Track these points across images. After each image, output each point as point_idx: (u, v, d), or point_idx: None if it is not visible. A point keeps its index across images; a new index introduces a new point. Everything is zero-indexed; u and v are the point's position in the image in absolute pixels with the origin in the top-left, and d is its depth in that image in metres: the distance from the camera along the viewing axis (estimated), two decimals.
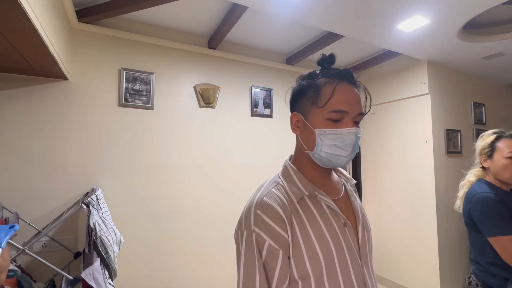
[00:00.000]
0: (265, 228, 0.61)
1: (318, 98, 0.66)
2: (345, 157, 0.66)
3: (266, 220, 0.61)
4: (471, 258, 1.44)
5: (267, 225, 0.61)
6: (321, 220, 0.66)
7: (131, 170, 2.10)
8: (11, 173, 1.77)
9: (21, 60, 1.54)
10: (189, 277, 2.26)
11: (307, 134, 0.68)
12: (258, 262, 0.60)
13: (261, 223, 0.61)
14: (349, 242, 0.68)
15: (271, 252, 0.61)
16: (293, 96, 0.74)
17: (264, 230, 0.61)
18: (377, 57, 2.88)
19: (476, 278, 1.38)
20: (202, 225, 2.34)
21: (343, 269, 0.65)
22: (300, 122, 0.70)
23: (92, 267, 1.29)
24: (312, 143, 0.68)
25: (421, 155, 2.72)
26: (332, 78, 0.67)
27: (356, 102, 0.66)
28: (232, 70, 2.58)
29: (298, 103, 0.72)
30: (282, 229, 0.62)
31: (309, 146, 0.69)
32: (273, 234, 0.61)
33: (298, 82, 0.73)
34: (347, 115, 0.65)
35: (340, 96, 0.64)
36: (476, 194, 1.36)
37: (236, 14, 1.99)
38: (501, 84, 3.54)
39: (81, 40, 2.00)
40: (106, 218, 1.57)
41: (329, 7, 1.81)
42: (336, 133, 0.64)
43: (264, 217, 0.62)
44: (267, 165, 2.69)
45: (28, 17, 1.08)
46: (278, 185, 0.70)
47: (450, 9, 1.82)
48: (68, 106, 1.93)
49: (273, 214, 0.62)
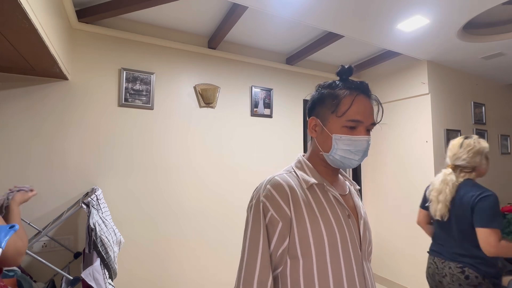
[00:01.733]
0: (271, 200, 0.70)
1: (337, 108, 0.74)
2: (357, 161, 0.75)
3: (273, 194, 0.71)
4: (461, 253, 1.44)
5: (273, 198, 0.70)
6: (327, 207, 0.74)
7: (131, 170, 2.10)
8: (11, 173, 1.77)
9: (21, 60, 1.54)
10: (189, 277, 2.26)
11: (324, 138, 0.77)
12: (262, 226, 0.70)
13: (269, 195, 0.71)
14: (351, 232, 0.74)
15: (271, 221, 0.70)
16: (312, 102, 0.81)
17: (270, 201, 0.70)
18: (377, 57, 2.88)
19: (475, 271, 1.38)
20: (202, 225, 2.34)
21: (345, 255, 0.71)
22: (318, 126, 0.78)
23: (92, 267, 1.29)
24: (328, 146, 0.76)
25: (421, 155, 2.72)
26: (351, 90, 0.75)
27: (370, 113, 0.75)
28: (232, 70, 2.58)
29: (317, 109, 0.79)
30: (286, 205, 0.70)
31: (325, 149, 0.77)
32: (276, 206, 0.70)
33: (318, 90, 0.81)
34: (361, 124, 0.73)
35: (357, 107, 0.73)
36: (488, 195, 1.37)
37: (236, 14, 1.99)
38: (501, 84, 3.54)
39: (81, 40, 2.00)
40: (106, 218, 1.57)
41: (329, 7, 1.81)
42: (351, 140, 0.73)
43: (273, 191, 0.71)
44: (267, 165, 2.69)
45: (28, 17, 1.08)
46: (290, 173, 0.79)
47: (450, 9, 1.82)
48: (68, 106, 1.93)
49: (280, 190, 0.71)
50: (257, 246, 0.69)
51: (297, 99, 2.94)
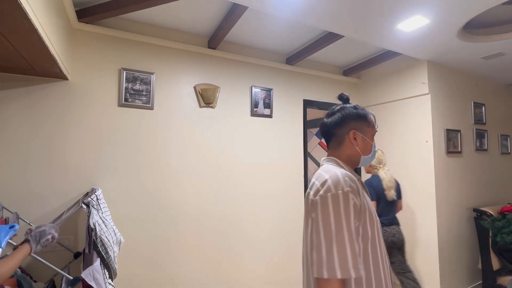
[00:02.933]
0: (353, 190, 0.85)
1: (371, 123, 1.02)
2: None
3: (352, 185, 0.86)
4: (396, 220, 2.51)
5: (353, 188, 0.85)
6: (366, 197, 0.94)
7: (131, 170, 2.10)
8: (11, 173, 1.77)
9: (21, 60, 1.54)
10: (189, 277, 2.26)
11: (365, 144, 1.01)
12: (351, 209, 0.82)
13: (350, 186, 0.85)
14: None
15: (354, 207, 0.83)
16: (346, 118, 1.01)
17: (352, 191, 0.85)
18: (377, 57, 2.88)
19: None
20: (202, 225, 2.34)
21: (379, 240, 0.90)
22: (358, 136, 0.99)
23: (92, 267, 1.29)
24: (368, 150, 1.02)
25: (421, 155, 2.72)
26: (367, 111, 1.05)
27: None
28: (232, 70, 2.58)
29: (353, 124, 1.00)
30: (360, 194, 0.87)
31: (365, 152, 1.01)
32: (356, 195, 0.85)
33: (356, 109, 1.02)
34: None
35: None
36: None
37: (236, 14, 1.99)
38: (501, 84, 3.54)
39: (81, 40, 2.00)
40: (106, 218, 1.57)
41: (329, 7, 1.81)
42: (375, 145, 1.04)
43: (351, 183, 0.86)
44: (267, 165, 2.69)
45: (28, 17, 1.08)
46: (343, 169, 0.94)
47: (450, 9, 1.82)
48: (68, 106, 1.93)
49: (354, 182, 0.88)
50: (350, 222, 0.81)
51: (297, 99, 2.94)
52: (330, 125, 1.02)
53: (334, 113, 1.04)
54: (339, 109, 1.04)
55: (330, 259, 0.77)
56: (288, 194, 2.81)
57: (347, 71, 3.28)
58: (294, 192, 2.85)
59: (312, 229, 0.83)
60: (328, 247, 0.78)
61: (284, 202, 2.78)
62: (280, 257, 2.72)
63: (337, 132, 1.00)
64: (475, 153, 3.08)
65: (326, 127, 1.04)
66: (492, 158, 3.27)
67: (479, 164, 3.10)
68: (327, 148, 1.06)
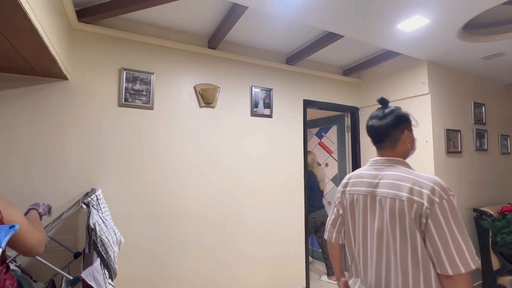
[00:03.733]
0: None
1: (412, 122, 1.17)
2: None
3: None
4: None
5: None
6: None
7: (131, 170, 2.10)
8: (11, 173, 1.77)
9: (21, 60, 1.54)
10: (189, 277, 2.26)
11: (413, 141, 1.16)
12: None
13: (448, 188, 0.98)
14: None
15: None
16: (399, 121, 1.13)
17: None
18: (377, 57, 2.88)
19: None
20: (202, 225, 2.34)
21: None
22: (409, 135, 1.15)
23: (92, 267, 1.29)
24: (413, 146, 1.17)
25: (421, 155, 2.72)
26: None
27: None
28: (232, 70, 2.58)
29: (405, 125, 1.14)
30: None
31: (413, 148, 1.17)
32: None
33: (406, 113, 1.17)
34: None
35: None
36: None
37: (236, 14, 1.99)
38: (501, 84, 3.54)
39: (81, 40, 2.00)
40: (106, 218, 1.57)
41: (329, 7, 1.81)
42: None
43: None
44: (267, 165, 2.69)
45: (28, 17, 1.08)
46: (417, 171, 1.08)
47: (450, 9, 1.82)
48: (68, 106, 1.93)
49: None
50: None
51: (297, 99, 2.94)
52: (386, 127, 1.12)
53: (386, 116, 1.13)
54: (389, 112, 1.14)
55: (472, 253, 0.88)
56: (289, 193, 2.81)
57: (347, 71, 3.28)
58: (294, 191, 2.85)
59: (441, 231, 0.90)
60: (467, 244, 0.88)
61: (285, 201, 2.78)
62: (281, 256, 2.72)
63: (392, 133, 1.12)
64: (475, 153, 3.08)
65: (381, 129, 1.12)
66: (492, 158, 3.27)
67: (479, 164, 3.10)
68: (378, 148, 1.16)
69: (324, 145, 3.78)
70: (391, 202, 0.99)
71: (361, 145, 3.37)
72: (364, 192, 1.11)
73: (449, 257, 0.87)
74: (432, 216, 0.90)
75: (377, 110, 1.18)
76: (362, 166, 3.46)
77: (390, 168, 1.08)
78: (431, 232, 0.90)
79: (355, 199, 1.14)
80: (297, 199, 2.87)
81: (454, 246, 0.87)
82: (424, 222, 0.92)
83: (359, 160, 3.38)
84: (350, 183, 1.20)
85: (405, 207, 0.95)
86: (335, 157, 3.61)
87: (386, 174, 1.06)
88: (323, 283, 3.19)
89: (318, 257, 3.81)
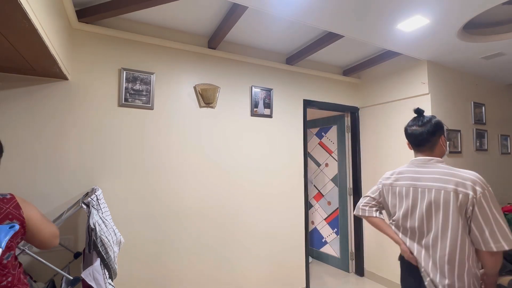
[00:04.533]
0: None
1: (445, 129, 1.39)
2: None
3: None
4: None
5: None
6: None
7: (131, 170, 2.10)
8: (11, 173, 1.77)
9: (21, 60, 1.54)
10: (189, 276, 2.26)
11: (446, 145, 1.36)
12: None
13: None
14: None
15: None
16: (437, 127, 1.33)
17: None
18: (377, 57, 2.88)
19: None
20: (202, 225, 2.34)
21: None
22: (444, 140, 1.35)
23: (92, 267, 1.29)
24: (446, 149, 1.37)
25: None
26: None
27: None
28: (232, 70, 2.58)
29: (442, 130, 1.34)
30: None
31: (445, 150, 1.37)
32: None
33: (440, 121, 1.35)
34: None
35: None
36: None
37: (236, 14, 1.99)
38: (501, 84, 3.54)
39: (81, 40, 2.00)
40: (106, 218, 1.57)
41: (329, 7, 1.81)
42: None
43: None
44: (266, 165, 2.69)
45: (28, 17, 1.08)
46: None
47: (450, 9, 1.82)
48: (68, 106, 1.93)
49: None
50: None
51: (297, 99, 2.94)
52: (428, 134, 1.33)
53: (425, 124, 1.33)
54: (428, 121, 1.34)
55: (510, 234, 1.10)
56: (289, 193, 2.81)
57: (347, 71, 3.28)
58: (294, 191, 2.85)
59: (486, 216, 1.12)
60: (506, 226, 1.10)
61: (285, 201, 2.78)
62: (281, 256, 2.72)
63: (432, 139, 1.32)
64: (475, 153, 3.08)
65: (422, 135, 1.33)
66: (492, 158, 3.27)
67: (479, 164, 3.10)
68: (418, 151, 1.37)
69: (324, 145, 3.78)
70: (436, 193, 1.21)
71: (361, 145, 3.37)
72: (407, 185, 1.34)
73: (493, 236, 1.09)
74: (478, 204, 1.12)
75: (415, 119, 1.39)
76: (362, 168, 3.49)
77: (432, 166, 1.29)
78: (477, 217, 1.12)
79: (397, 191, 1.38)
80: (297, 199, 2.87)
81: (497, 228, 1.10)
82: (470, 209, 1.13)
83: (359, 160, 3.38)
84: (392, 178, 1.45)
85: (450, 197, 1.17)
86: (335, 157, 3.61)
87: (429, 171, 1.28)
88: (323, 283, 3.19)
89: (318, 257, 3.81)
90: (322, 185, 3.77)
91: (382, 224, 1.47)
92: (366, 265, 3.28)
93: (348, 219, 3.42)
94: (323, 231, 3.74)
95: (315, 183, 3.90)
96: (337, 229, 3.54)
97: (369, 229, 3.24)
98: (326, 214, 3.70)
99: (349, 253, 3.39)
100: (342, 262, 3.47)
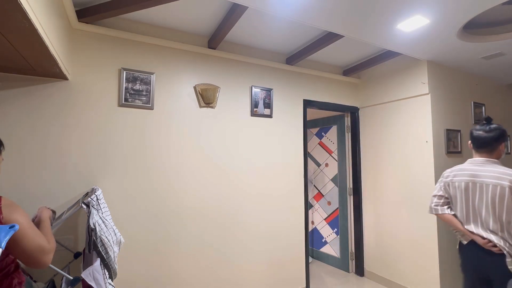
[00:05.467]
0: None
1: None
2: None
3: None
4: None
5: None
6: None
7: (131, 170, 2.10)
8: (11, 173, 1.77)
9: (21, 60, 1.54)
10: (190, 277, 2.27)
11: (504, 151, 1.63)
12: None
13: None
14: None
15: None
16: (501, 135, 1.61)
17: None
18: (377, 57, 2.88)
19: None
20: (202, 226, 2.34)
21: None
22: (504, 146, 1.61)
23: (92, 267, 1.29)
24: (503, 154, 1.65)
25: (421, 155, 2.72)
26: None
27: None
28: (232, 70, 2.58)
29: (504, 138, 1.61)
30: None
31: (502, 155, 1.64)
32: None
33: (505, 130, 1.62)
34: None
35: None
36: None
37: (236, 14, 1.99)
38: (501, 84, 3.54)
39: (81, 40, 2.00)
40: (106, 218, 1.57)
41: (329, 7, 1.81)
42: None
43: None
44: (267, 165, 2.69)
45: (28, 17, 1.08)
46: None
47: (450, 9, 1.82)
48: (68, 106, 1.93)
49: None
50: None
51: (297, 99, 2.94)
52: (492, 139, 1.60)
53: (492, 131, 1.60)
54: (494, 128, 1.61)
55: None
56: (289, 193, 2.81)
57: (347, 71, 3.28)
58: (294, 191, 2.85)
59: None
60: None
61: (285, 201, 2.78)
62: (281, 256, 2.72)
63: (494, 144, 1.60)
64: None
65: (487, 140, 1.61)
66: None
67: None
68: (478, 152, 1.66)
69: (324, 145, 3.78)
70: (493, 188, 1.51)
71: (361, 145, 3.37)
72: (466, 180, 1.63)
73: None
74: None
75: (483, 124, 1.64)
76: (363, 168, 3.49)
77: (490, 165, 1.58)
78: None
79: (457, 186, 1.67)
80: (297, 199, 2.87)
81: None
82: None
83: (359, 160, 3.38)
84: (451, 175, 1.73)
85: (505, 191, 1.48)
86: (335, 157, 3.61)
87: (487, 169, 1.57)
88: (323, 283, 3.19)
89: (318, 257, 3.81)
90: (322, 185, 3.77)
91: (453, 220, 1.69)
92: (366, 265, 3.28)
93: (348, 219, 3.42)
94: (323, 231, 3.74)
95: (315, 183, 3.90)
96: (337, 229, 3.54)
97: (369, 229, 3.24)
98: (326, 214, 3.70)
99: (349, 253, 3.39)
100: (342, 262, 3.47)
